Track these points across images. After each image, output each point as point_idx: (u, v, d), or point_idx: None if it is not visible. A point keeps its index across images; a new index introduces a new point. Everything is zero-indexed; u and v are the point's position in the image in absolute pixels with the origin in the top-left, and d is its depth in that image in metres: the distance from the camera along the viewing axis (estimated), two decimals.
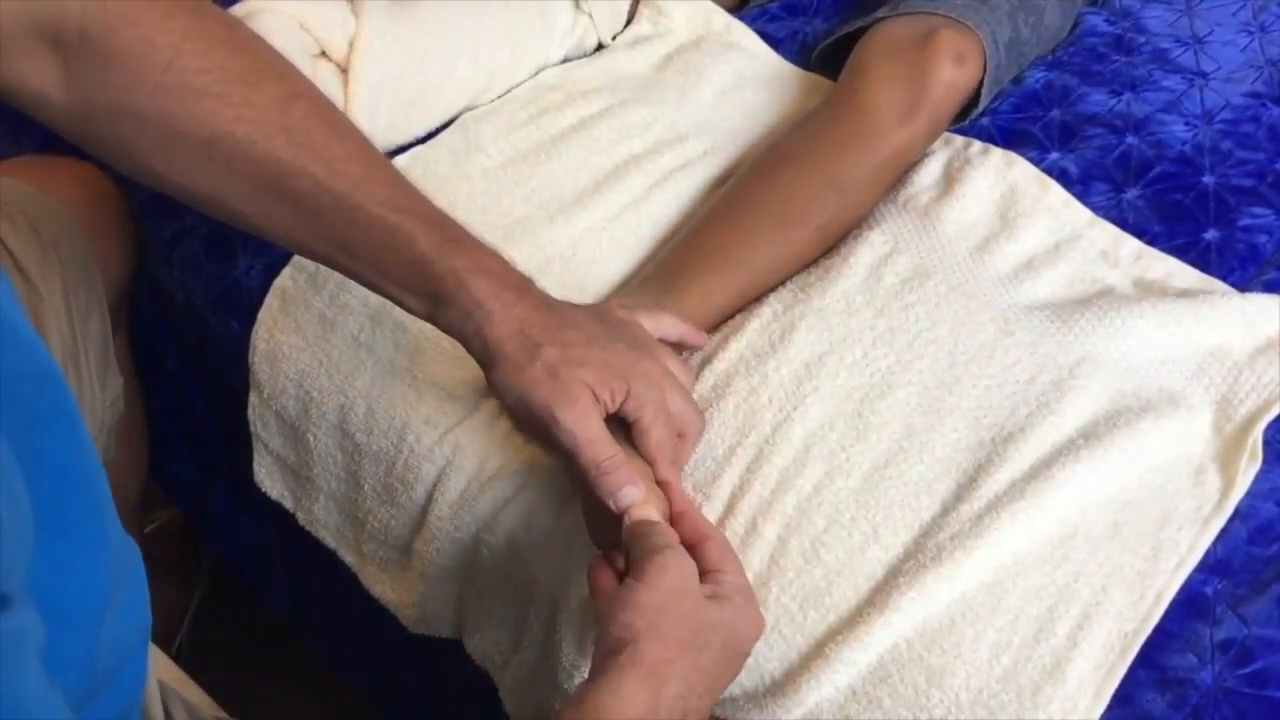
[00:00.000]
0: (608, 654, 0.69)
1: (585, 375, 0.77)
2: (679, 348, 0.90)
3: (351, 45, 1.01)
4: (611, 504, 0.76)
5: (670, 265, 0.95)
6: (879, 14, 1.08)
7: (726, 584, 0.74)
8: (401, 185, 0.80)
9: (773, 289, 0.96)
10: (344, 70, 1.02)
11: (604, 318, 0.84)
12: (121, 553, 0.61)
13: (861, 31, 1.08)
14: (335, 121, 0.80)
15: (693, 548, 0.76)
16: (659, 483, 0.79)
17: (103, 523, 0.59)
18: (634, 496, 0.76)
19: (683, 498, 0.80)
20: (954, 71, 1.02)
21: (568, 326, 0.79)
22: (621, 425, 0.80)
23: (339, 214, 0.77)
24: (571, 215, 1.01)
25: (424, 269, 0.78)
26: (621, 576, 0.73)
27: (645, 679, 0.68)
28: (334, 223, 0.78)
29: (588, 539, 0.83)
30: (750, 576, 0.81)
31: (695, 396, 0.89)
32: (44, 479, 0.51)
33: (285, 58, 0.81)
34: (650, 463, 0.80)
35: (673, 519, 0.78)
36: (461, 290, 0.77)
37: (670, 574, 0.71)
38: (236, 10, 0.99)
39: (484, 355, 0.79)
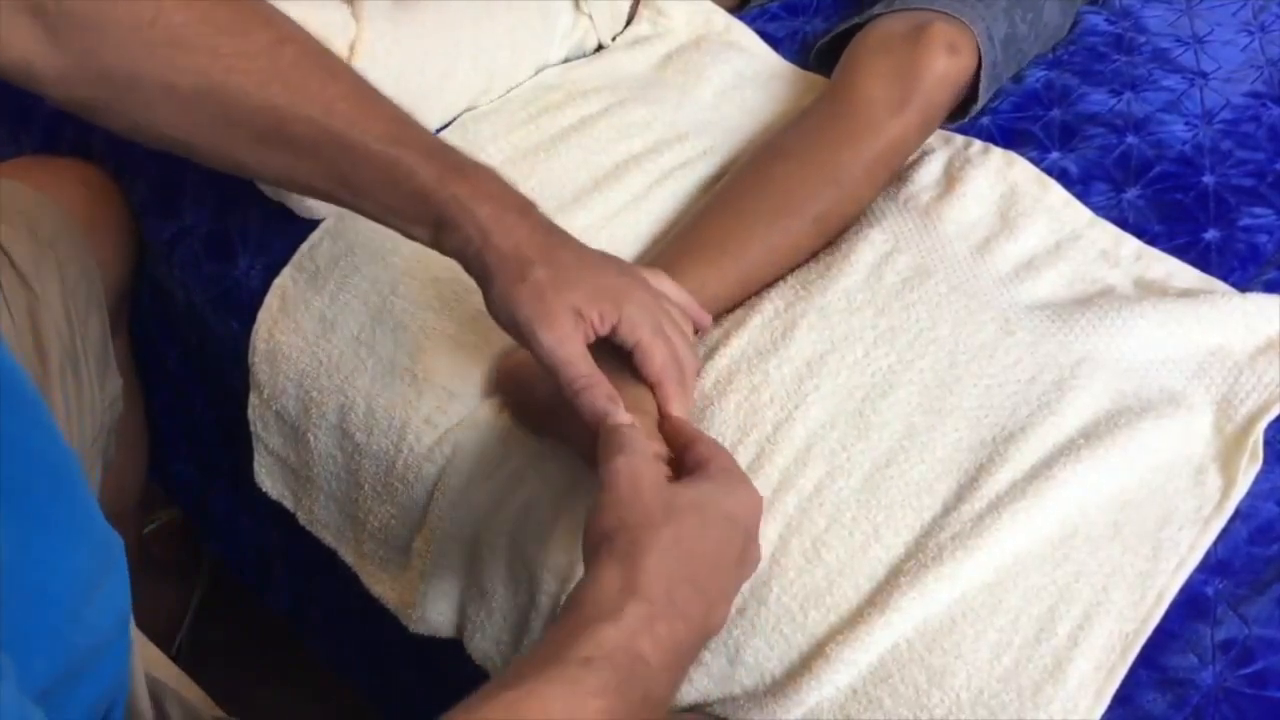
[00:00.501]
0: (586, 564, 0.69)
1: (573, 296, 0.77)
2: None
3: (352, 48, 1.01)
4: (596, 425, 0.75)
5: (667, 257, 0.95)
6: (874, 11, 1.09)
7: (710, 468, 0.73)
8: (398, 118, 0.81)
9: (771, 281, 0.96)
10: None
11: (605, 254, 0.84)
12: (101, 540, 0.61)
13: (858, 29, 1.08)
14: (326, 62, 0.81)
15: (682, 453, 0.76)
16: (663, 414, 0.79)
17: (75, 508, 0.59)
18: (618, 417, 0.75)
19: (680, 417, 0.79)
20: (946, 61, 1.02)
21: (563, 247, 0.80)
22: (621, 360, 0.80)
23: (339, 153, 0.78)
24: (571, 214, 1.01)
25: (425, 198, 0.79)
26: None
27: (618, 560, 0.66)
28: (334, 162, 0.79)
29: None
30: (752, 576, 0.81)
31: (696, 397, 0.89)
32: (9, 464, 0.51)
33: (268, 2, 0.81)
34: (656, 385, 0.79)
35: (665, 433, 0.78)
36: (464, 215, 0.78)
37: (622, 473, 0.70)
38: None
39: (481, 275, 0.79)
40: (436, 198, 0.78)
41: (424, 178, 0.78)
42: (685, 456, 0.75)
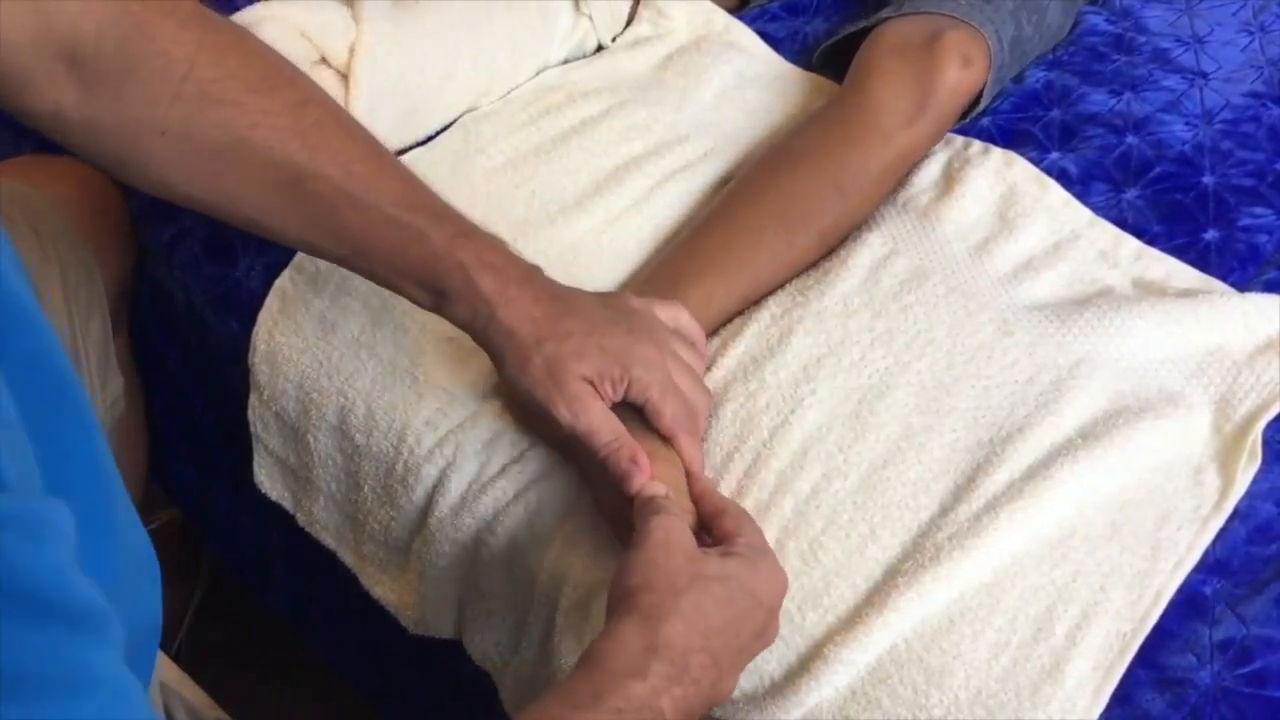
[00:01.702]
0: (609, 615, 0.71)
1: (583, 369, 0.79)
2: None
3: (352, 51, 1.01)
4: (623, 488, 0.78)
5: (672, 268, 0.95)
6: (883, 14, 1.08)
7: (739, 543, 0.76)
8: (411, 182, 0.83)
9: (772, 292, 0.96)
10: (344, 76, 1.02)
11: (608, 303, 0.85)
12: (134, 544, 0.62)
13: (865, 32, 1.08)
14: (345, 124, 0.82)
15: (710, 520, 0.78)
16: (690, 478, 0.82)
17: (112, 509, 0.59)
18: (654, 489, 0.78)
19: (700, 474, 0.82)
20: (960, 74, 1.02)
21: (567, 316, 0.81)
22: (638, 411, 0.82)
23: (354, 214, 0.79)
24: (572, 217, 1.01)
25: (433, 265, 0.80)
26: None
27: (640, 621, 0.69)
28: (348, 223, 0.80)
29: (588, 540, 0.84)
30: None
31: None
32: (51, 457, 0.52)
33: (292, 64, 0.83)
34: (670, 438, 0.82)
35: (693, 497, 0.80)
36: (468, 286, 0.79)
37: (656, 534, 0.73)
38: (238, 19, 0.99)
39: (490, 352, 0.82)
40: (442, 265, 0.80)
41: (433, 243, 0.80)
42: (713, 525, 0.78)
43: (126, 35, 0.74)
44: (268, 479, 1.05)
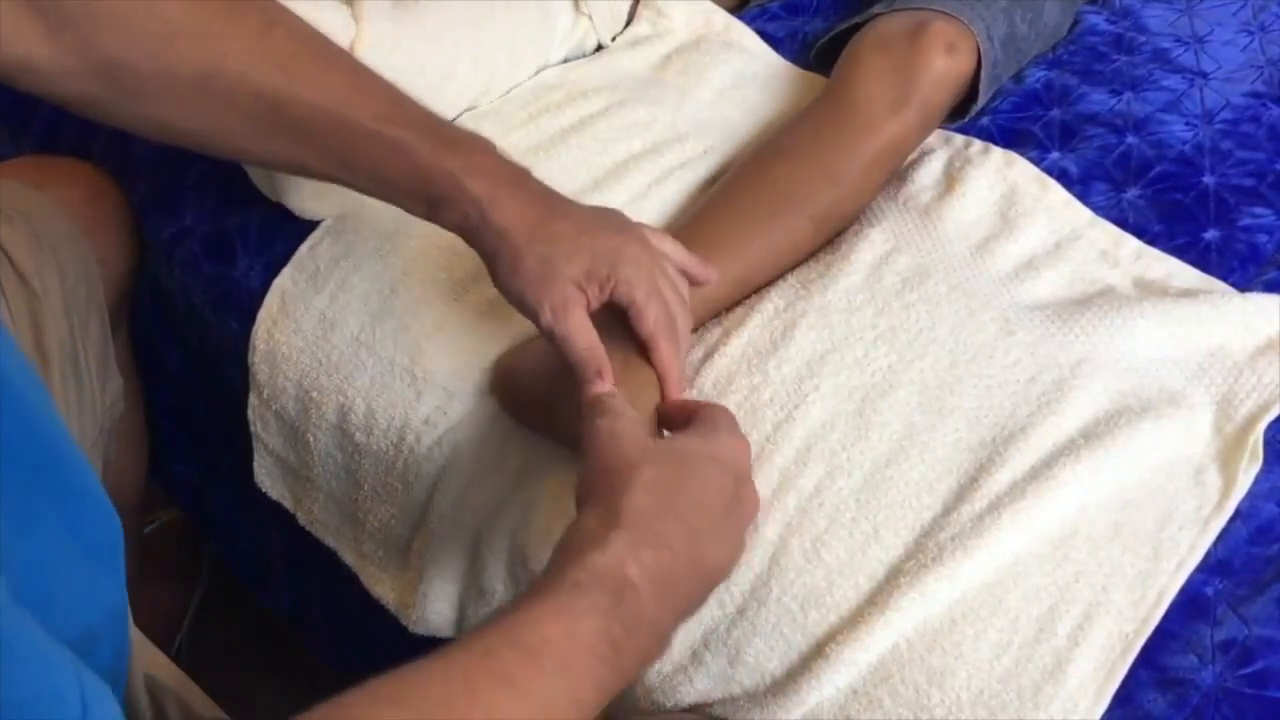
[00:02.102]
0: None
1: (570, 269, 0.79)
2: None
3: (352, 49, 1.01)
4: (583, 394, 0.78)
5: None
6: (874, 10, 1.08)
7: (696, 420, 0.76)
8: (393, 96, 0.83)
9: (771, 280, 0.96)
10: None
11: (597, 210, 0.86)
12: (90, 536, 0.61)
13: (858, 29, 1.08)
14: (318, 45, 0.82)
15: (682, 427, 0.77)
16: (659, 371, 0.82)
17: (75, 494, 0.59)
18: (600, 387, 0.77)
19: (675, 382, 0.82)
20: (945, 61, 1.02)
21: (559, 218, 0.81)
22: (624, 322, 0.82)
23: (335, 133, 0.80)
24: None
25: (421, 175, 0.80)
26: None
27: (600, 501, 0.68)
28: (331, 143, 0.80)
29: None
30: (751, 576, 0.82)
31: (696, 394, 0.89)
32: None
33: None
34: (649, 341, 0.81)
35: (666, 403, 0.81)
36: (459, 192, 0.80)
37: (601, 431, 0.73)
38: None
39: (483, 252, 0.82)
40: (431, 174, 0.80)
41: (419, 154, 0.80)
42: (686, 422, 0.78)
43: None
44: (268, 478, 1.05)
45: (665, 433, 0.80)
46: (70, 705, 0.46)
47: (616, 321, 0.82)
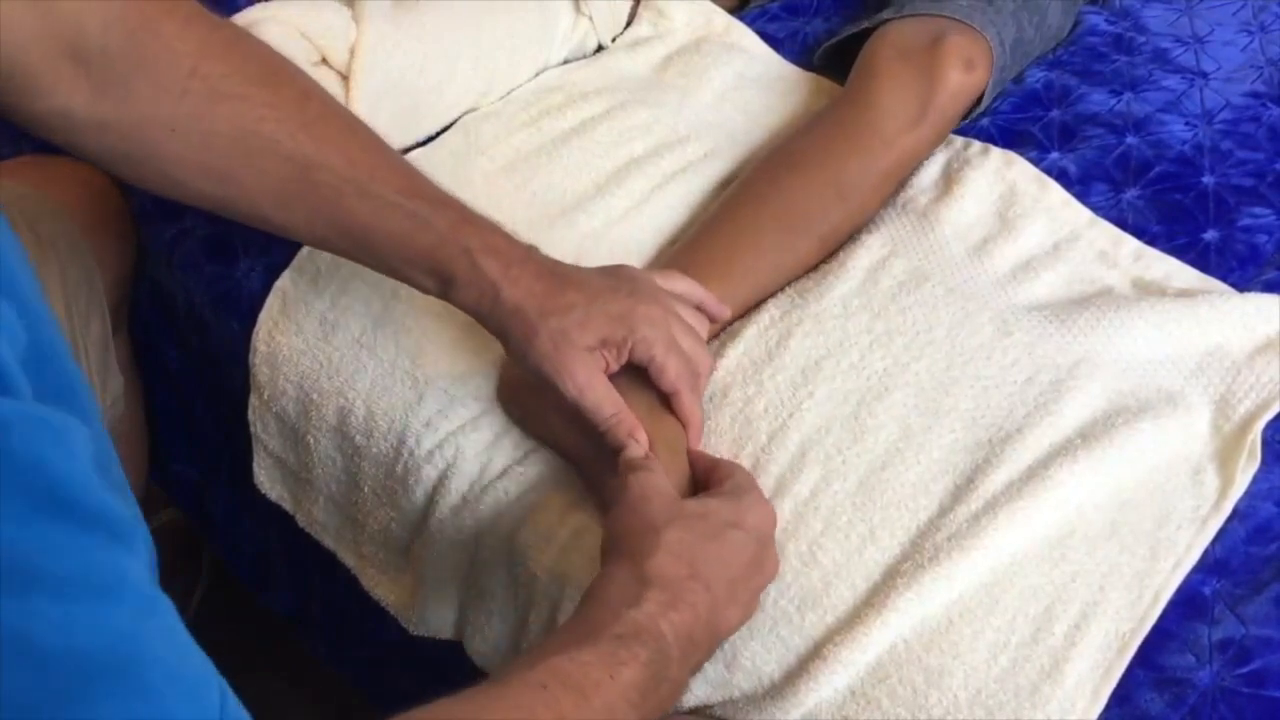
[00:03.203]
0: (601, 565, 0.75)
1: (586, 338, 0.81)
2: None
3: (352, 51, 1.01)
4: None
5: (676, 266, 0.95)
6: (884, 15, 1.08)
7: (722, 485, 0.80)
8: (410, 172, 0.84)
9: (771, 295, 0.96)
10: (345, 77, 1.02)
11: (607, 272, 0.87)
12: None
13: (866, 32, 1.08)
14: (345, 117, 0.84)
15: (705, 476, 0.82)
16: (684, 422, 0.85)
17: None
18: (635, 450, 0.81)
19: (698, 431, 0.86)
20: (962, 78, 1.02)
21: (569, 289, 0.83)
22: (641, 373, 0.84)
23: (360, 203, 0.81)
24: (573, 219, 1.01)
25: (439, 251, 0.82)
26: None
27: (628, 558, 0.73)
28: (355, 213, 0.81)
29: (590, 542, 0.84)
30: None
31: None
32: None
33: (288, 60, 0.84)
34: (672, 396, 0.84)
35: (689, 453, 0.85)
36: (473, 270, 0.81)
37: (634, 488, 0.77)
38: (238, 19, 1.00)
39: (498, 331, 0.84)
40: (448, 251, 0.81)
41: (437, 230, 0.81)
42: (708, 480, 0.82)
43: (132, 31, 0.75)
44: (268, 479, 1.05)
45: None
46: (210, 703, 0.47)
47: (635, 372, 0.84)
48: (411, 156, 1.06)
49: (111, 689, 0.43)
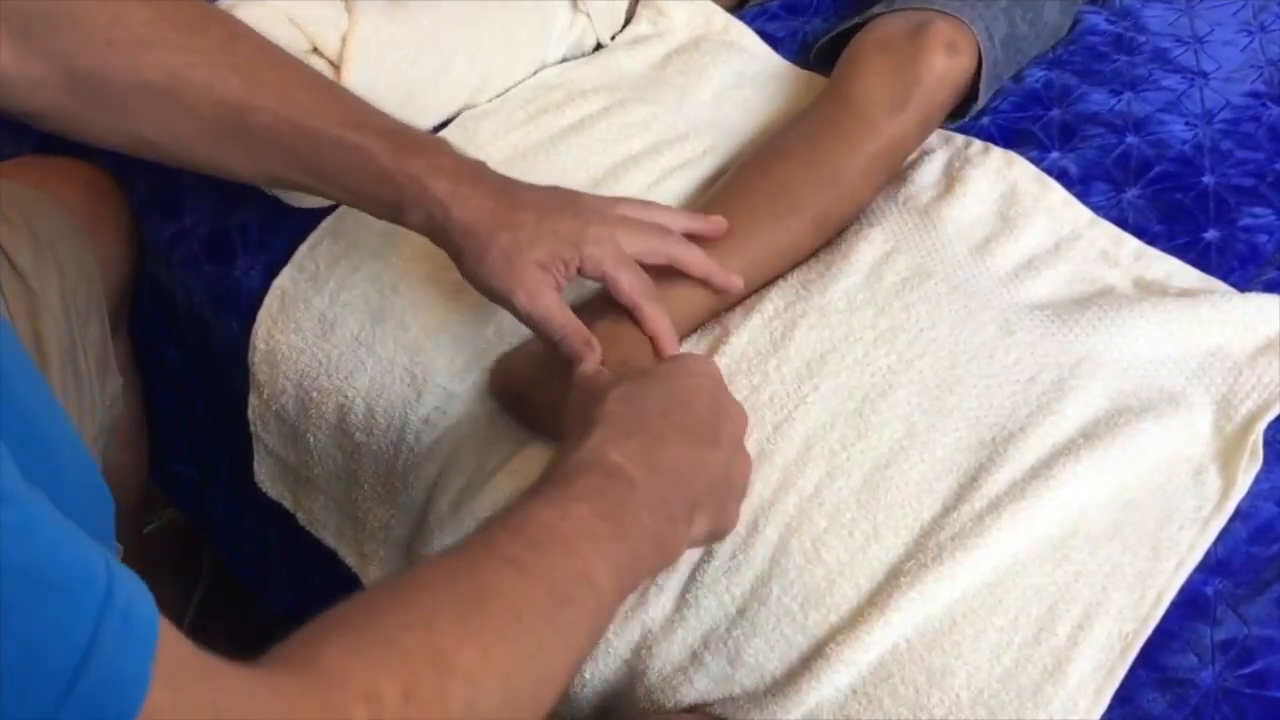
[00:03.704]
0: None
1: (537, 254, 0.83)
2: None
3: (344, 42, 1.01)
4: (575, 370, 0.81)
5: None
6: (874, 10, 1.08)
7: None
8: (352, 102, 0.85)
9: (771, 281, 0.96)
10: (336, 67, 1.01)
11: (556, 191, 0.88)
12: (79, 482, 0.63)
13: (858, 29, 1.08)
14: (277, 55, 0.85)
15: None
16: (649, 335, 0.86)
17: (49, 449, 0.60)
18: (589, 356, 0.81)
19: (668, 339, 0.86)
20: (946, 61, 1.02)
21: (519, 207, 0.84)
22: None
23: (299, 140, 0.82)
24: None
25: (385, 179, 0.83)
26: None
27: (577, 422, 0.73)
28: (296, 150, 0.82)
29: None
30: (751, 576, 0.82)
31: None
32: None
33: (215, 4, 0.86)
34: (631, 307, 0.85)
35: (656, 353, 0.86)
36: (422, 193, 0.82)
37: (579, 378, 0.78)
38: (225, 5, 0.99)
39: (450, 249, 0.85)
40: (394, 178, 0.82)
41: (382, 158, 0.82)
42: None
43: None
44: (268, 478, 1.05)
45: None
46: (97, 584, 0.46)
47: (596, 298, 0.86)
48: None
49: None
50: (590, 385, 0.77)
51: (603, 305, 0.87)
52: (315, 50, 1.02)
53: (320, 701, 0.50)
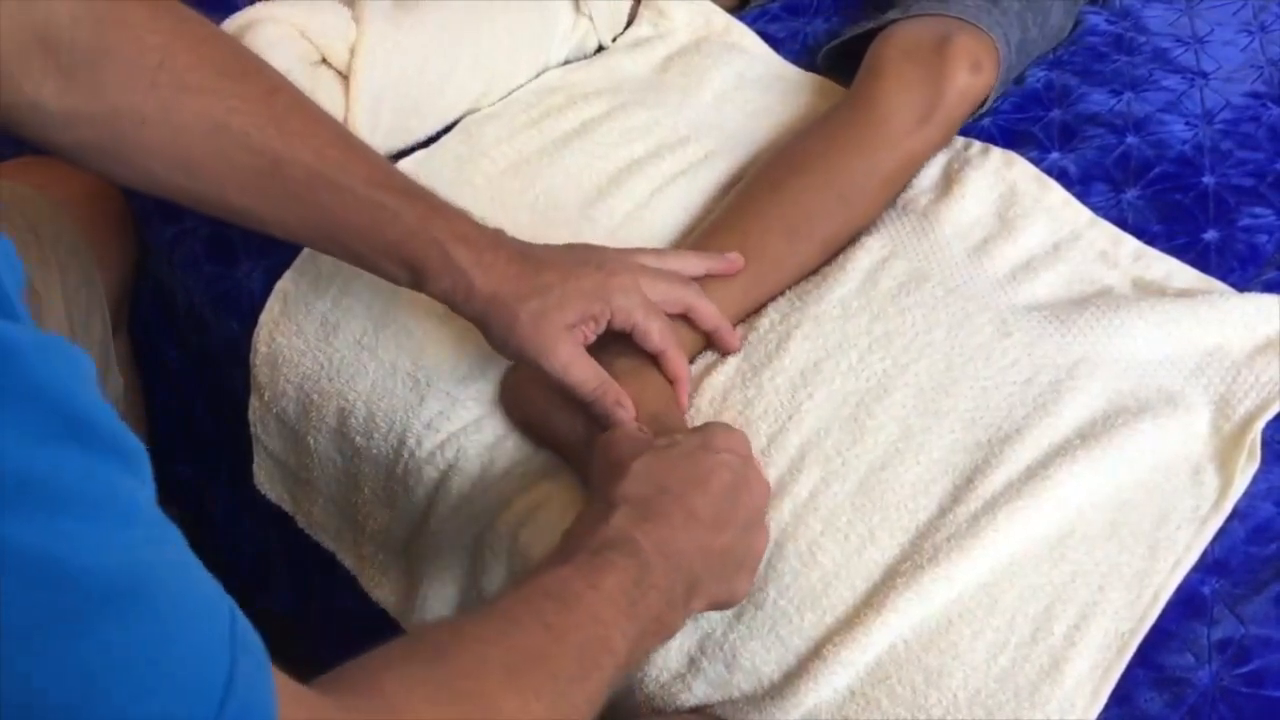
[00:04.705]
0: None
1: (566, 316, 0.83)
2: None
3: (352, 51, 1.01)
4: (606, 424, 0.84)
5: None
6: (890, 15, 1.07)
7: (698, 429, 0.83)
8: (378, 163, 0.85)
9: (771, 298, 0.96)
10: (345, 77, 1.02)
11: (573, 248, 0.89)
12: None
13: (870, 34, 1.08)
14: (312, 110, 0.85)
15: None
16: (671, 380, 0.88)
17: None
18: (622, 417, 0.83)
19: (686, 383, 0.88)
20: (970, 79, 1.02)
21: (542, 269, 0.84)
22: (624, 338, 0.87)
23: (329, 196, 0.81)
24: (576, 225, 1.01)
25: (409, 242, 0.82)
26: None
27: (599, 490, 0.76)
28: (324, 205, 0.82)
29: None
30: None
31: (694, 413, 0.89)
32: None
33: (255, 53, 0.86)
34: (660, 355, 0.87)
35: (681, 405, 0.88)
36: (445, 260, 0.82)
37: (610, 439, 0.80)
38: (236, 19, 0.99)
39: (475, 319, 0.85)
40: (418, 240, 0.82)
41: (407, 221, 0.82)
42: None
43: (101, 21, 0.75)
44: (267, 480, 1.05)
45: None
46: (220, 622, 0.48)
47: (613, 339, 0.86)
48: (413, 158, 1.06)
49: (124, 609, 0.44)
50: (617, 451, 0.79)
51: (620, 346, 0.87)
52: (324, 61, 1.02)
53: None
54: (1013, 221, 0.99)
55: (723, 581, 0.77)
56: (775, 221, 0.96)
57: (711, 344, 0.93)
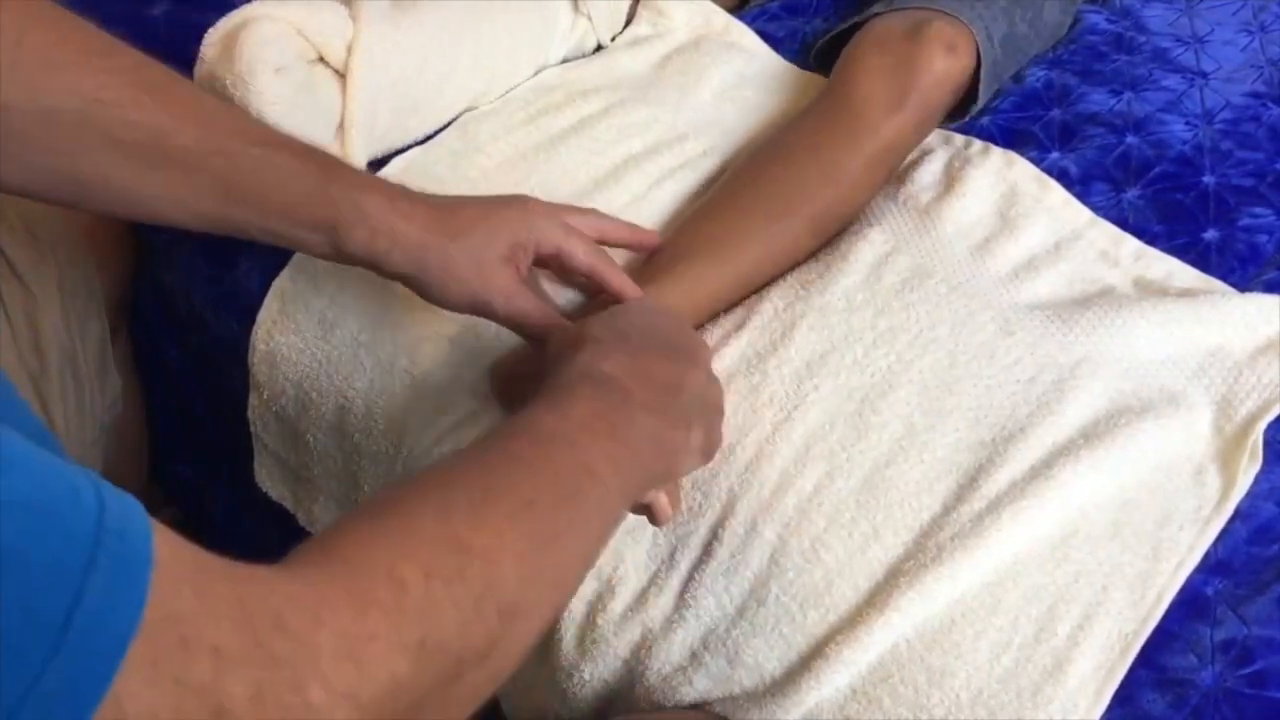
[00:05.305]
0: None
1: (497, 249, 0.82)
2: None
3: (350, 50, 1.01)
4: None
5: (665, 254, 0.95)
6: (873, 10, 1.08)
7: None
8: (268, 128, 0.83)
9: (770, 280, 0.96)
10: (342, 75, 1.02)
11: (474, 196, 0.87)
12: None
13: (857, 28, 1.08)
14: (184, 82, 0.80)
15: None
16: (617, 294, 0.87)
17: None
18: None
19: (632, 289, 0.87)
20: (944, 61, 1.02)
21: (461, 210, 0.82)
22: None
23: (221, 162, 0.77)
24: None
25: (316, 198, 0.79)
26: None
27: (553, 362, 0.73)
28: (217, 173, 0.77)
29: None
30: (750, 576, 0.82)
31: None
32: None
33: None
34: (591, 272, 0.86)
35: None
36: (358, 212, 0.79)
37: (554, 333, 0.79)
38: (233, 16, 0.98)
39: (408, 272, 0.81)
40: (327, 195, 0.78)
41: (310, 177, 0.78)
42: None
43: None
44: (268, 478, 1.05)
45: None
46: (86, 502, 0.46)
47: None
48: (409, 155, 1.06)
49: None
50: (566, 332, 0.77)
51: (580, 314, 0.87)
52: (321, 59, 1.02)
53: (345, 587, 0.50)
54: (1014, 221, 0.99)
55: (707, 418, 0.76)
56: (760, 202, 0.97)
57: (638, 248, 0.94)
